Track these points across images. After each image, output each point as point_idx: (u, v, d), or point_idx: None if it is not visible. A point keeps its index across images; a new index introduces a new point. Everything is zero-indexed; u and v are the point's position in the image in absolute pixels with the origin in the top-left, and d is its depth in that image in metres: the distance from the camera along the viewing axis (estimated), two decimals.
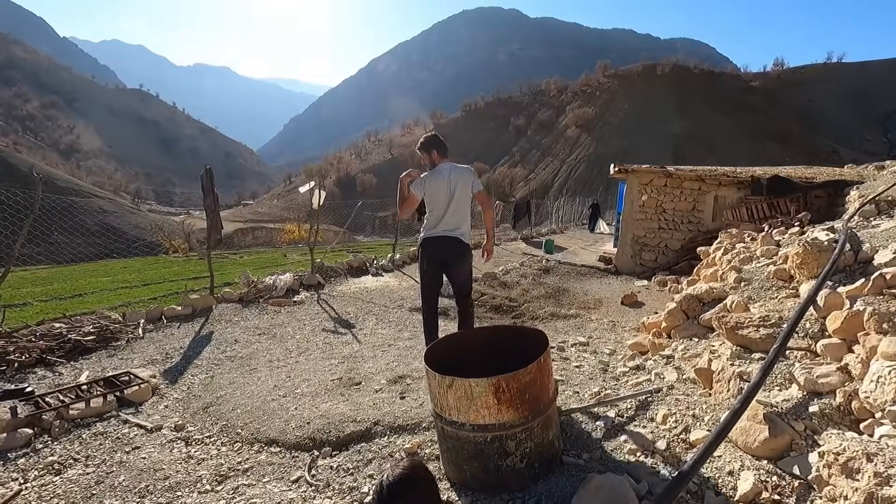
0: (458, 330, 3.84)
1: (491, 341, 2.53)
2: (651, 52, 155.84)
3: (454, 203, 3.62)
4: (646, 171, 10.73)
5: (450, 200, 3.61)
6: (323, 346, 4.95)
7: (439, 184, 3.63)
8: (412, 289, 8.55)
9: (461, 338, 2.55)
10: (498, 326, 3.36)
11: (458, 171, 3.70)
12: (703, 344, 3.43)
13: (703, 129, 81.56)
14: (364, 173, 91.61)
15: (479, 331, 2.58)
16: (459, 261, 3.81)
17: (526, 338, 2.46)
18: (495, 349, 2.51)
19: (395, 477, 1.24)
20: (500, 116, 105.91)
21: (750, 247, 5.33)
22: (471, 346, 2.52)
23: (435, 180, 3.65)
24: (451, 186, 3.61)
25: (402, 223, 14.46)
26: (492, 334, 2.58)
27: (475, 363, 2.44)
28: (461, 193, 3.63)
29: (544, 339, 2.31)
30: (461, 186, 3.63)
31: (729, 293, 3.89)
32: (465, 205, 3.69)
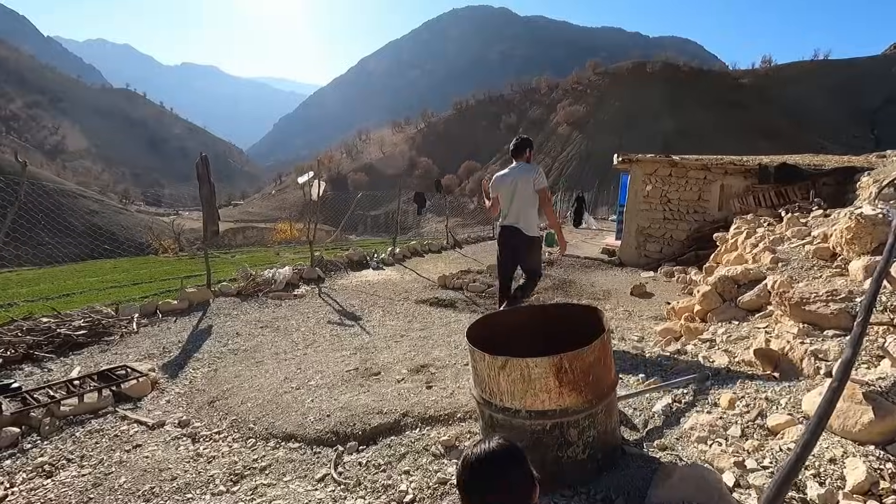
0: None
1: (536, 320, 2.28)
2: (640, 50, 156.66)
3: (515, 198, 4.10)
4: (650, 160, 10.54)
5: (512, 196, 4.11)
6: (331, 337, 4.68)
7: (504, 182, 4.22)
8: (416, 282, 8.30)
9: (504, 317, 2.30)
10: (546, 304, 3.13)
11: (522, 170, 4.16)
12: (746, 326, 3.21)
13: (693, 126, 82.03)
14: (356, 172, 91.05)
15: (524, 310, 2.34)
16: (521, 247, 4.22)
17: (577, 316, 2.21)
18: (542, 329, 2.26)
19: (497, 447, 0.99)
20: (491, 114, 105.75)
21: (775, 230, 5.14)
22: (515, 325, 2.27)
23: (501, 179, 4.30)
24: (513, 184, 4.12)
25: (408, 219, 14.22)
26: (538, 313, 2.33)
27: (520, 345, 2.19)
28: (522, 190, 4.06)
29: (601, 316, 2.06)
30: (522, 183, 4.07)
31: (767, 274, 3.68)
32: (525, 200, 4.09)
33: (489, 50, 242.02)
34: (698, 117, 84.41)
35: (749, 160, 10.16)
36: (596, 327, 2.10)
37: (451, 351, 3.79)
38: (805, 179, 9.09)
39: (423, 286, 7.96)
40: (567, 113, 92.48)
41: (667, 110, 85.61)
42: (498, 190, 4.28)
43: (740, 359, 2.65)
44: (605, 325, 2.01)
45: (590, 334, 2.14)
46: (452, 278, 8.08)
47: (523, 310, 2.35)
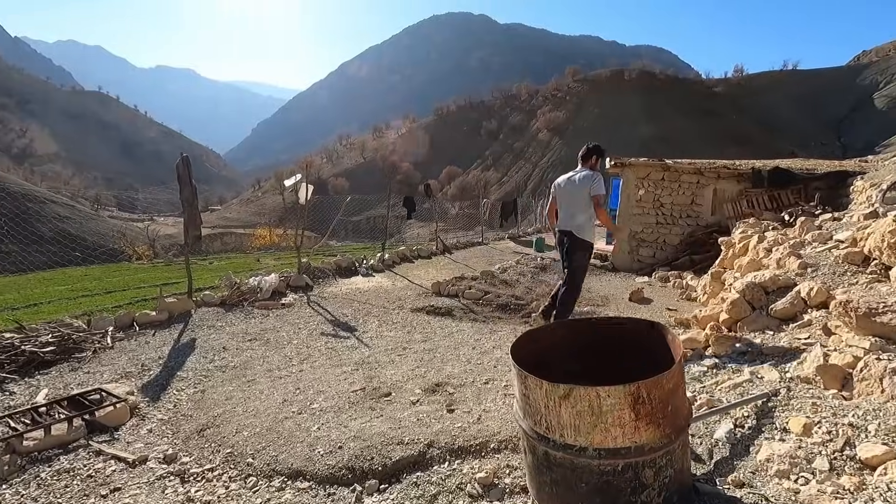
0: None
1: (584, 336, 2.00)
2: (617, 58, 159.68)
3: (570, 203, 4.29)
4: (643, 164, 10.46)
5: (568, 201, 4.32)
6: (327, 351, 4.33)
7: (562, 187, 4.44)
8: (408, 289, 7.98)
9: (548, 333, 2.01)
10: (595, 319, 2.84)
11: (581, 176, 4.28)
12: (785, 337, 2.99)
13: (670, 132, 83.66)
14: (336, 177, 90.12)
15: (570, 325, 2.07)
16: (571, 249, 4.37)
17: (631, 332, 1.94)
18: (590, 346, 1.99)
19: None
20: (472, 120, 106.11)
21: (788, 234, 4.99)
22: (559, 342, 1.99)
23: (560, 185, 4.50)
24: (570, 189, 4.32)
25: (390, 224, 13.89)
26: (585, 329, 2.05)
27: (567, 364, 1.91)
28: (577, 195, 4.24)
29: (664, 333, 1.79)
30: (577, 189, 4.23)
31: (796, 280, 3.48)
32: (578, 204, 4.23)
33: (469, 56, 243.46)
34: (675, 124, 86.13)
35: (742, 164, 10.15)
36: (655, 345, 1.84)
37: (464, 366, 3.49)
38: (798, 183, 9.09)
39: (416, 293, 7.65)
40: (547, 119, 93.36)
41: (644, 117, 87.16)
42: (557, 194, 4.51)
43: (793, 374, 2.42)
44: (673, 343, 1.74)
45: (648, 353, 1.87)
46: (447, 285, 7.78)
47: (569, 325, 2.08)
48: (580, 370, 2.00)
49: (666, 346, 1.80)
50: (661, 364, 1.82)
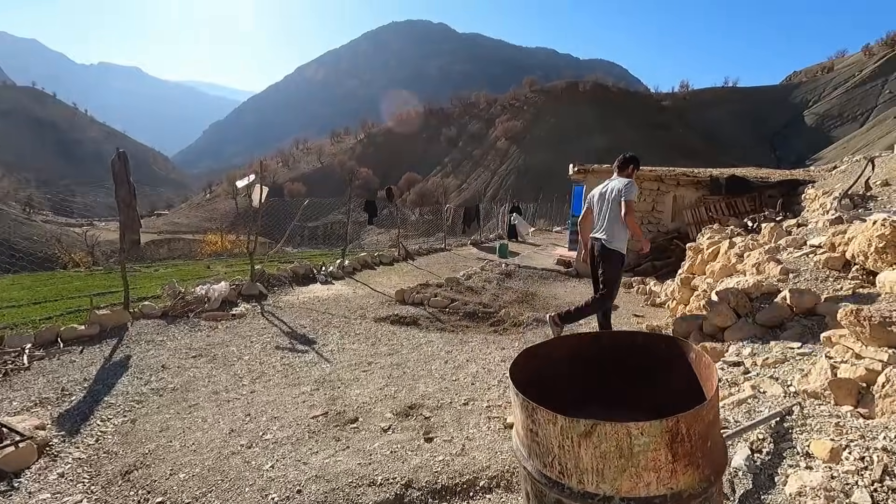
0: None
1: (587, 353, 1.73)
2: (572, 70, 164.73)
3: (602, 211, 4.24)
4: (606, 171, 10.49)
5: (600, 209, 4.29)
6: (283, 368, 3.89)
7: (596, 197, 4.42)
8: (370, 297, 7.57)
9: (548, 349, 1.72)
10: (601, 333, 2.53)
11: (616, 185, 4.20)
12: (777, 346, 2.85)
13: (622, 143, 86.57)
14: (293, 182, 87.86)
15: (572, 340, 1.79)
16: (601, 259, 4.27)
17: (642, 348, 1.68)
18: (595, 364, 1.71)
19: None
20: (432, 127, 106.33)
21: (758, 239, 4.98)
22: (561, 360, 1.70)
23: (595, 195, 4.47)
24: (602, 198, 4.29)
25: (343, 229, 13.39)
26: (589, 345, 1.77)
27: (571, 386, 1.64)
28: (609, 204, 4.16)
29: (685, 350, 1.54)
30: (612, 198, 4.15)
31: (779, 286, 3.38)
32: (612, 212, 4.14)
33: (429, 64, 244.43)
34: (626, 136, 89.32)
35: (700, 172, 10.37)
36: (672, 363, 1.59)
37: (438, 384, 3.16)
38: (753, 191, 9.34)
39: (379, 302, 7.26)
40: (505, 128, 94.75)
41: (598, 128, 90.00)
42: (591, 202, 4.49)
43: (798, 389, 2.25)
44: (699, 363, 1.49)
45: (664, 372, 1.61)
46: (411, 293, 7.44)
47: (572, 340, 1.80)
48: (586, 393, 1.72)
49: (686, 365, 1.54)
50: (679, 385, 1.58)
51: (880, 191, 6.58)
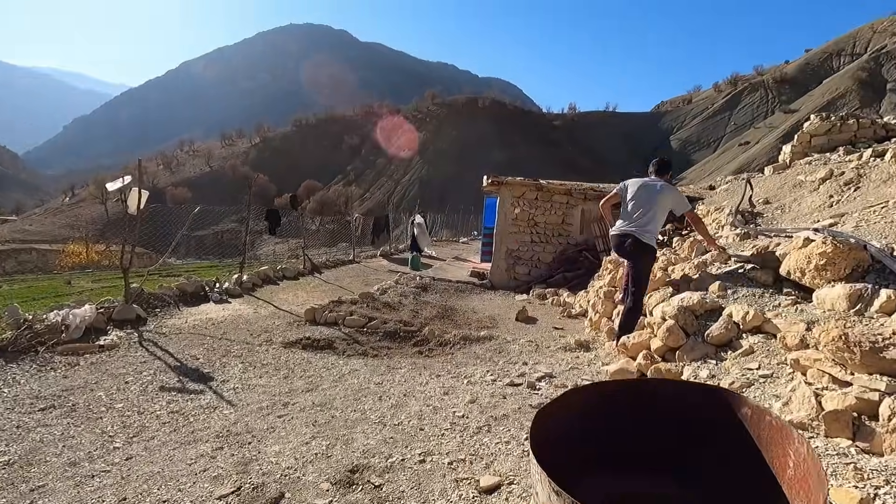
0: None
1: (612, 406, 1.37)
2: (471, 87, 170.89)
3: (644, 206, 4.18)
4: (519, 183, 10.62)
5: (642, 204, 4.20)
6: (171, 417, 3.10)
7: (636, 188, 4.38)
8: (276, 317, 6.76)
9: (561, 409, 1.33)
10: (627, 382, 2.06)
11: (662, 185, 4.28)
12: (734, 368, 2.76)
13: (519, 158, 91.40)
14: (176, 186, 79.95)
15: (593, 392, 1.40)
16: (634, 252, 4.18)
17: (679, 400, 1.36)
18: (622, 419, 1.36)
19: None
20: (334, 134, 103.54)
21: (678, 253, 5.11)
22: (578, 417, 1.32)
23: (632, 185, 4.47)
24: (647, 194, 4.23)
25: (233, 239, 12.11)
26: (615, 394, 1.41)
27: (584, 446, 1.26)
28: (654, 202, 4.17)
29: (732, 402, 1.24)
30: (656, 196, 4.18)
31: (720, 303, 3.36)
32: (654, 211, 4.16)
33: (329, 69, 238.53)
34: (522, 151, 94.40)
35: (605, 187, 10.89)
36: (716, 416, 1.28)
37: (379, 432, 2.62)
38: None
39: (286, 323, 6.48)
40: (409, 139, 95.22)
41: (497, 143, 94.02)
42: (627, 193, 4.34)
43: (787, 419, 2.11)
44: (757, 419, 1.19)
45: (707, 426, 1.31)
46: (323, 311, 6.74)
47: (593, 391, 1.43)
48: (616, 453, 1.36)
49: (735, 421, 1.24)
50: (726, 444, 1.28)
51: (764, 208, 7.26)
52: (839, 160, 7.94)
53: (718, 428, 1.28)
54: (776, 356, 2.73)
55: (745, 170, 66.47)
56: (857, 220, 4.68)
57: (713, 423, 1.29)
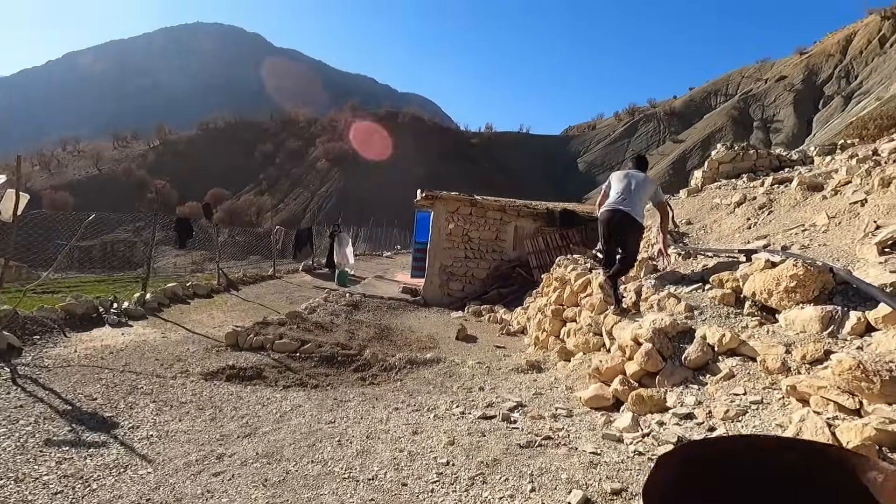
0: None
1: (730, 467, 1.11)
2: (391, 101, 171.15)
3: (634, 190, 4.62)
4: (453, 198, 10.48)
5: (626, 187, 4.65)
6: (63, 484, 2.40)
7: (625, 175, 4.85)
8: (189, 342, 5.93)
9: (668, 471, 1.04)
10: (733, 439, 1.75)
11: (646, 177, 4.88)
12: (718, 394, 2.69)
13: (439, 174, 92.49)
14: (56, 190, 70.67)
15: (738, 443, 1.12)
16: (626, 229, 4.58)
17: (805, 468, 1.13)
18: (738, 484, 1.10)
19: None
20: (245, 140, 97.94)
21: (629, 273, 5.15)
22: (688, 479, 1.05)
23: (625, 172, 4.92)
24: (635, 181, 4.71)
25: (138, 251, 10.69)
26: (731, 450, 1.14)
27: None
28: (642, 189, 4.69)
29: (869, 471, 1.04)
30: (643, 185, 4.73)
31: (691, 325, 3.33)
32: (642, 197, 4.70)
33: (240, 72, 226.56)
34: (442, 167, 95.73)
35: (537, 205, 11.09)
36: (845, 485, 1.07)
37: (355, 493, 2.16)
38: (581, 224, 10.31)
39: (203, 349, 5.69)
40: (326, 149, 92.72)
41: (417, 158, 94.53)
42: (617, 179, 4.87)
43: None
44: None
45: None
46: (248, 334, 6.02)
47: (720, 445, 1.16)
48: None
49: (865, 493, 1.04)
50: None
51: (687, 228, 7.69)
52: (745, 186, 8.70)
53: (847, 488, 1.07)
54: (759, 380, 2.70)
55: None
56: (783, 241, 5.02)
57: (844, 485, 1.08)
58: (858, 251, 3.37)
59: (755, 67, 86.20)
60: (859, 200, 5.12)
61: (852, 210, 5.14)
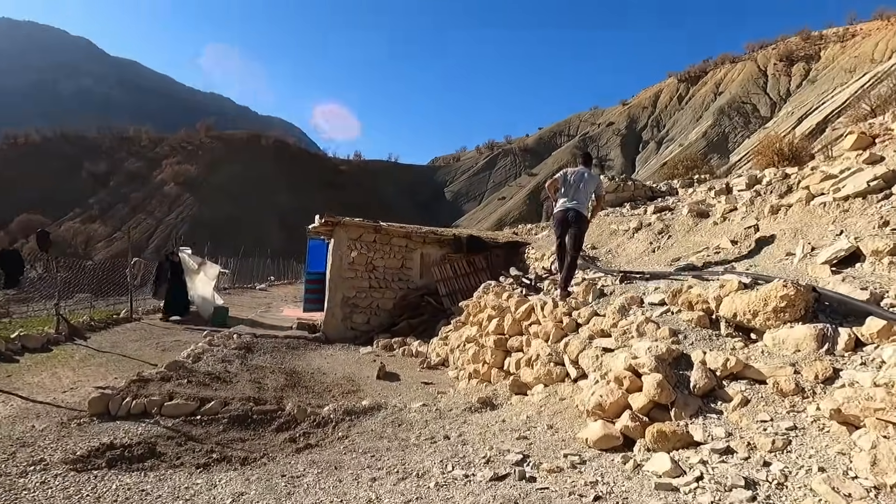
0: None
1: None
2: (250, 123, 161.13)
3: (582, 189, 5.90)
4: (356, 225, 9.79)
5: (580, 188, 5.90)
6: None
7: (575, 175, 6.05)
8: (30, 415, 4.49)
9: None
10: None
11: (591, 174, 6.13)
12: (744, 423, 2.60)
13: (305, 200, 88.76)
14: None
15: None
16: (577, 221, 5.81)
17: None
18: None
19: None
20: (68, 157, 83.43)
21: (577, 297, 5.09)
22: None
23: (572, 173, 6.12)
24: (583, 180, 5.97)
25: None
26: None
27: None
28: (587, 186, 5.98)
29: None
30: (589, 183, 6.01)
31: (682, 350, 3.28)
32: (588, 193, 6.00)
33: (63, 81, 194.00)
34: (309, 194, 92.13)
35: (444, 231, 10.87)
36: None
37: None
38: (486, 250, 10.34)
39: (57, 424, 4.29)
40: (175, 172, 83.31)
41: (281, 183, 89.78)
42: (567, 179, 5.97)
43: (878, 482, 1.93)
44: None
45: None
46: (122, 397, 4.71)
47: None
48: None
49: None
50: None
51: (595, 252, 8.10)
52: (631, 213, 9.56)
53: None
54: (777, 404, 2.67)
55: (504, 221, 77.93)
56: (698, 263, 5.43)
57: None
58: (811, 270, 3.68)
59: (590, 113, 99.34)
60: (752, 226, 5.81)
61: (747, 234, 5.81)
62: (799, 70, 59.54)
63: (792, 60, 60.81)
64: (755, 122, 57.76)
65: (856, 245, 3.53)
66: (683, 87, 76.93)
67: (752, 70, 66.10)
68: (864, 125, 5.66)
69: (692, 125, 65.75)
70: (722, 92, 67.71)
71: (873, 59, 50.20)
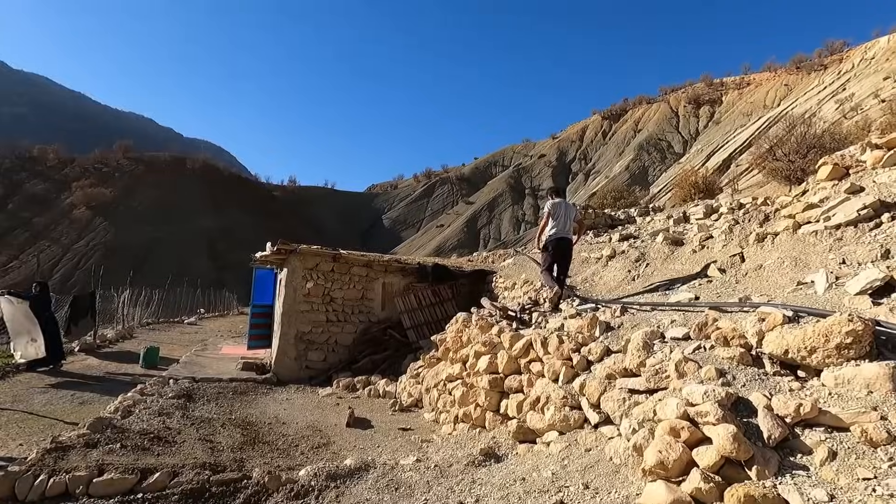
0: None
1: None
2: (175, 145, 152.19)
3: (569, 219, 6.62)
4: (313, 252, 8.99)
5: (568, 218, 6.62)
6: None
7: (565, 207, 6.66)
8: None
9: None
10: None
11: (572, 204, 7.09)
12: (842, 480, 2.27)
13: (234, 226, 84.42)
14: None
15: None
16: (569, 249, 6.66)
17: None
18: None
19: None
20: None
21: (568, 332, 4.69)
22: None
23: (561, 205, 6.64)
24: (569, 211, 6.69)
25: None
26: None
27: None
28: (571, 215, 6.71)
29: None
30: (572, 212, 6.76)
31: (740, 393, 2.95)
32: (572, 222, 6.73)
33: None
34: (239, 219, 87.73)
35: (407, 259, 10.25)
36: None
37: None
38: (454, 279, 9.85)
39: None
40: (87, 195, 76.26)
41: (208, 208, 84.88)
42: (558, 212, 6.49)
43: None
44: None
45: None
46: (34, 474, 3.72)
47: None
48: None
49: None
50: None
51: (569, 280, 7.86)
52: (597, 241, 9.52)
53: None
54: (871, 457, 2.36)
55: (443, 248, 78.28)
56: (689, 294, 5.27)
57: None
58: (847, 302, 3.52)
59: (523, 145, 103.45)
60: (737, 254, 5.78)
61: (733, 262, 5.77)
62: (705, 112, 65.70)
63: (699, 103, 66.93)
64: (670, 157, 62.62)
65: (890, 274, 3.43)
66: (607, 123, 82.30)
67: (666, 110, 72.06)
68: (836, 156, 5.83)
69: (616, 159, 70.12)
70: (641, 129, 73.06)
71: (766, 105, 56.54)
